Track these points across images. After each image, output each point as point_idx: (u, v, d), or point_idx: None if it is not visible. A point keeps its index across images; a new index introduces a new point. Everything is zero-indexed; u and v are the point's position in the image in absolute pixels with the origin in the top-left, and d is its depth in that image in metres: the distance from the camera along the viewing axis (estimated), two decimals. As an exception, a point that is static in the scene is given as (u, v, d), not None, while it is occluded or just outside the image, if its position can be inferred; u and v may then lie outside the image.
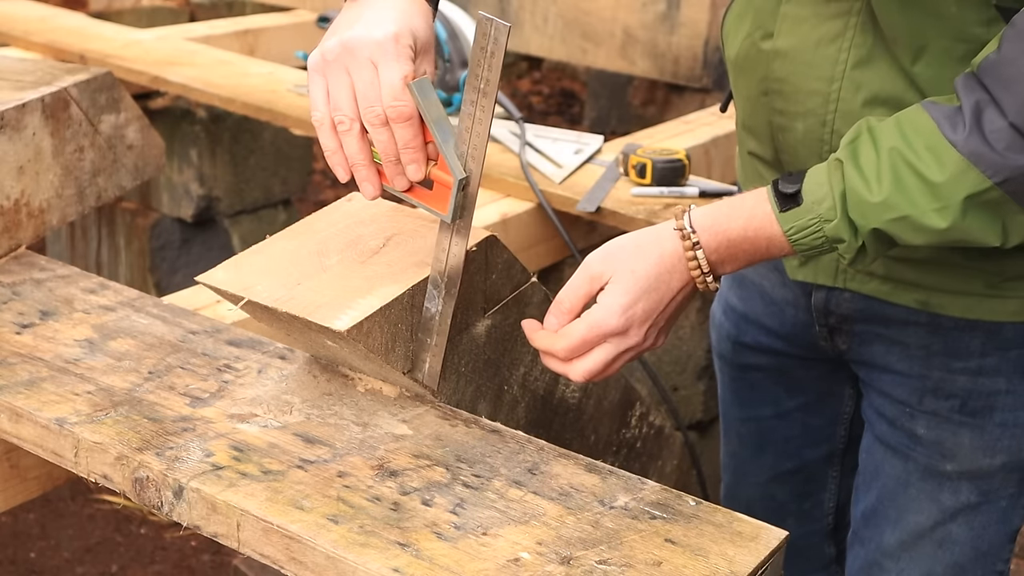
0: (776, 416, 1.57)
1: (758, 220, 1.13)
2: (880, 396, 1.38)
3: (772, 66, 1.25)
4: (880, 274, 1.30)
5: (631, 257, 1.15)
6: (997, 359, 1.29)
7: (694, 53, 3.04)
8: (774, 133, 1.29)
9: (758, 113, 1.30)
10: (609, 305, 1.13)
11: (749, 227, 1.13)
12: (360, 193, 1.15)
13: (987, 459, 1.33)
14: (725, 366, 1.60)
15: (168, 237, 3.20)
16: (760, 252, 1.14)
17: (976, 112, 1.03)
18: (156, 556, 2.62)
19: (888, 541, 1.42)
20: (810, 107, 1.23)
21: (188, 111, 3.06)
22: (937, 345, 1.30)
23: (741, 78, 1.32)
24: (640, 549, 0.99)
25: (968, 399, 1.31)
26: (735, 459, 1.65)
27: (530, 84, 5.41)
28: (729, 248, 1.14)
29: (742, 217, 1.13)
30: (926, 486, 1.37)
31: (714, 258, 1.14)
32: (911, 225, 1.06)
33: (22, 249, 1.54)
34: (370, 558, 0.97)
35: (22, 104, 1.51)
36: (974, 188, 1.03)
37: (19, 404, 1.19)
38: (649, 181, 2.06)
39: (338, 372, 1.24)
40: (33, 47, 2.93)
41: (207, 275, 1.18)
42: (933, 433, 1.34)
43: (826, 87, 1.21)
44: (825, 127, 1.22)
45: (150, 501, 1.10)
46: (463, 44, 2.41)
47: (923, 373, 1.32)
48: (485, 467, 1.10)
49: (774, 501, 1.62)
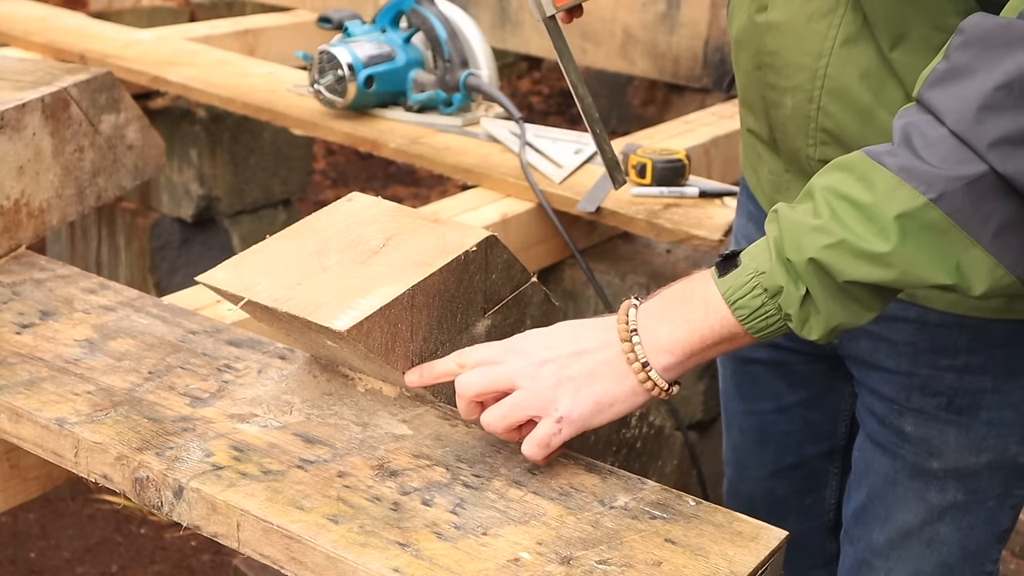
0: (777, 410, 1.57)
1: (695, 282, 1.06)
2: (870, 394, 1.39)
3: (765, 39, 1.25)
4: None
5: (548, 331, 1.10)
6: (983, 357, 1.29)
7: (694, 53, 3.04)
8: (767, 109, 1.29)
9: (753, 88, 1.31)
10: (477, 348, 1.10)
11: (686, 288, 1.06)
12: (358, 193, 1.15)
13: (973, 457, 1.33)
14: (726, 359, 1.61)
15: (168, 237, 3.20)
16: (698, 317, 1.04)
17: (905, 134, 0.97)
18: (156, 556, 2.62)
19: (877, 540, 1.42)
20: (798, 82, 1.23)
21: (188, 111, 3.06)
22: (924, 342, 1.31)
23: (741, 53, 1.32)
24: (640, 549, 0.99)
25: (955, 397, 1.31)
26: (737, 452, 1.66)
27: (530, 84, 5.41)
28: (663, 306, 1.05)
29: (679, 283, 1.07)
30: (913, 484, 1.37)
31: (649, 324, 1.05)
32: (850, 250, 0.96)
33: (22, 249, 1.54)
34: (370, 558, 0.98)
35: (22, 104, 1.51)
36: (907, 205, 0.94)
37: (19, 404, 1.19)
38: (649, 181, 2.07)
39: (338, 372, 1.24)
40: (33, 47, 2.93)
41: (207, 275, 1.18)
42: (920, 431, 1.34)
43: (814, 62, 1.20)
44: (812, 103, 1.22)
45: (150, 501, 1.10)
46: (463, 44, 2.41)
47: (911, 370, 1.33)
48: (485, 467, 1.10)
49: (775, 496, 1.62)
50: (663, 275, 2.17)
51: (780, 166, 1.33)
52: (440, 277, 1.16)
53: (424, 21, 2.42)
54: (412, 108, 2.42)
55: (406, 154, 2.30)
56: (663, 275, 2.17)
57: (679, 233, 1.96)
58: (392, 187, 4.48)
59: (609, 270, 2.19)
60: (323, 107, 2.43)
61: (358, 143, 2.38)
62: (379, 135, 2.33)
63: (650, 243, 2.28)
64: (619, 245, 2.27)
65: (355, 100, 2.36)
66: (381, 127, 2.37)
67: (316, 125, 2.43)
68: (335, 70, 2.34)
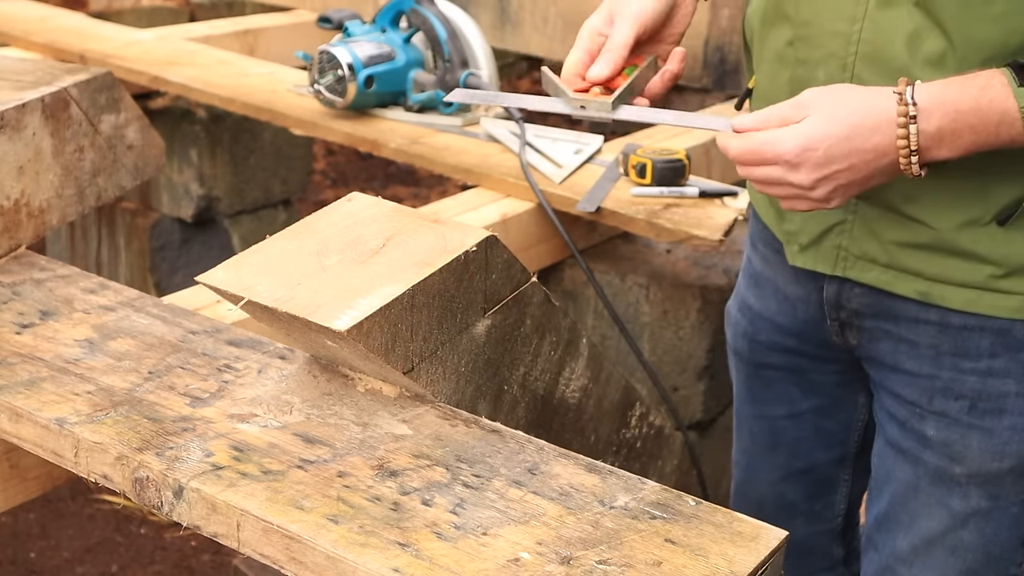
0: (789, 416, 1.57)
1: (993, 91, 1.10)
2: (891, 397, 1.38)
3: (800, 9, 1.26)
4: (882, 262, 1.30)
5: (839, 101, 1.13)
6: (1007, 360, 1.28)
7: (694, 53, 3.03)
8: (794, 91, 1.28)
9: (781, 72, 1.32)
10: (793, 133, 1.12)
11: (983, 98, 1.10)
12: (358, 193, 1.15)
13: (996, 463, 1.32)
14: (741, 363, 1.60)
15: (168, 237, 3.20)
16: (989, 131, 1.10)
17: None
18: (156, 556, 2.62)
19: (901, 547, 1.41)
20: (832, 49, 1.24)
21: (188, 111, 3.06)
22: (947, 345, 1.30)
23: (771, 32, 1.33)
24: (640, 549, 0.99)
25: (978, 400, 1.31)
26: (746, 456, 1.65)
27: (530, 84, 5.41)
28: (955, 121, 1.10)
29: (975, 88, 1.10)
30: (936, 491, 1.36)
31: (932, 131, 1.10)
32: None
33: (22, 249, 1.54)
34: (370, 558, 0.98)
35: (22, 104, 1.51)
36: None
37: (19, 404, 1.19)
38: (649, 181, 2.06)
39: (338, 372, 1.24)
40: (33, 47, 2.93)
41: (207, 275, 1.18)
42: (942, 435, 1.33)
43: (848, 27, 1.22)
44: (845, 71, 1.23)
45: (150, 501, 1.10)
46: (463, 44, 2.41)
47: (933, 373, 1.32)
48: (485, 467, 1.10)
49: (784, 500, 1.62)
50: (663, 275, 2.17)
51: None
52: (440, 277, 1.16)
53: (424, 21, 2.42)
54: (412, 108, 2.42)
55: (406, 154, 2.30)
56: (663, 275, 2.17)
57: (679, 233, 1.96)
58: (392, 187, 4.48)
59: (609, 270, 2.19)
60: (323, 107, 2.43)
61: (358, 143, 2.38)
62: (379, 135, 2.33)
63: (650, 243, 2.28)
64: (619, 245, 2.27)
65: (355, 100, 2.36)
66: (381, 127, 2.37)
67: (316, 125, 2.43)
68: (335, 70, 2.34)
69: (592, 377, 1.44)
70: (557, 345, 1.35)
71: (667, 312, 2.16)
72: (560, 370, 1.37)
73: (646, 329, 2.17)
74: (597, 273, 2.15)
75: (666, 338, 2.18)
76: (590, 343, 1.42)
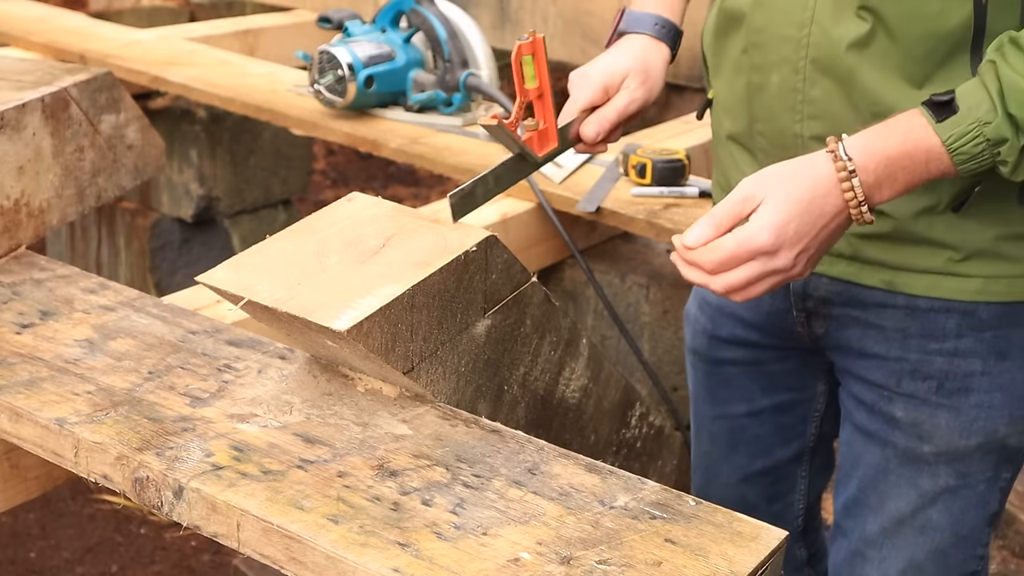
0: (749, 414, 1.58)
1: (916, 133, 1.13)
2: (858, 382, 1.40)
3: (753, 16, 1.30)
4: (847, 254, 1.33)
5: (786, 180, 1.15)
6: (972, 340, 1.31)
7: (694, 53, 3.01)
8: (751, 96, 1.33)
9: (737, 79, 1.35)
10: (761, 223, 1.14)
11: (907, 140, 1.13)
12: (358, 193, 1.15)
13: (963, 440, 1.35)
14: (699, 362, 1.61)
15: (168, 237, 3.20)
16: (919, 169, 1.14)
17: None
18: (156, 556, 2.62)
19: (871, 530, 1.43)
20: (784, 54, 1.28)
21: (188, 111, 3.06)
22: (914, 327, 1.33)
23: (725, 43, 1.37)
24: (640, 549, 0.99)
25: (945, 380, 1.33)
26: (706, 459, 1.66)
27: (530, 84, 5.41)
28: (887, 167, 1.14)
29: (899, 134, 1.14)
30: (905, 472, 1.38)
31: (871, 181, 1.14)
32: None
33: (22, 249, 1.54)
34: (370, 558, 0.98)
35: (22, 104, 1.51)
36: None
37: (19, 404, 1.19)
38: (649, 181, 2.07)
39: (338, 372, 1.24)
40: (33, 47, 2.93)
41: (207, 275, 1.18)
42: (911, 415, 1.36)
43: (797, 32, 1.26)
44: (798, 75, 1.27)
45: (150, 501, 1.10)
46: (463, 44, 2.41)
47: (900, 355, 1.34)
48: (485, 467, 1.10)
49: (746, 503, 1.62)
50: (663, 275, 2.17)
51: (757, 169, 1.34)
52: (440, 277, 1.16)
53: (424, 21, 2.42)
54: (412, 108, 2.42)
55: (406, 154, 2.30)
56: (663, 275, 2.17)
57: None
58: (392, 187, 4.48)
59: (609, 270, 2.19)
60: (323, 107, 2.43)
61: (358, 143, 2.38)
62: (379, 135, 2.33)
63: (650, 243, 2.28)
64: (619, 245, 2.27)
65: (355, 100, 2.36)
66: (381, 127, 2.37)
67: (316, 125, 2.43)
68: (335, 70, 2.34)
69: (592, 377, 1.44)
70: (557, 345, 1.35)
71: (667, 312, 2.16)
72: (560, 370, 1.37)
73: (646, 329, 2.17)
74: (597, 273, 2.15)
75: (666, 338, 2.18)
76: (590, 343, 1.42)
